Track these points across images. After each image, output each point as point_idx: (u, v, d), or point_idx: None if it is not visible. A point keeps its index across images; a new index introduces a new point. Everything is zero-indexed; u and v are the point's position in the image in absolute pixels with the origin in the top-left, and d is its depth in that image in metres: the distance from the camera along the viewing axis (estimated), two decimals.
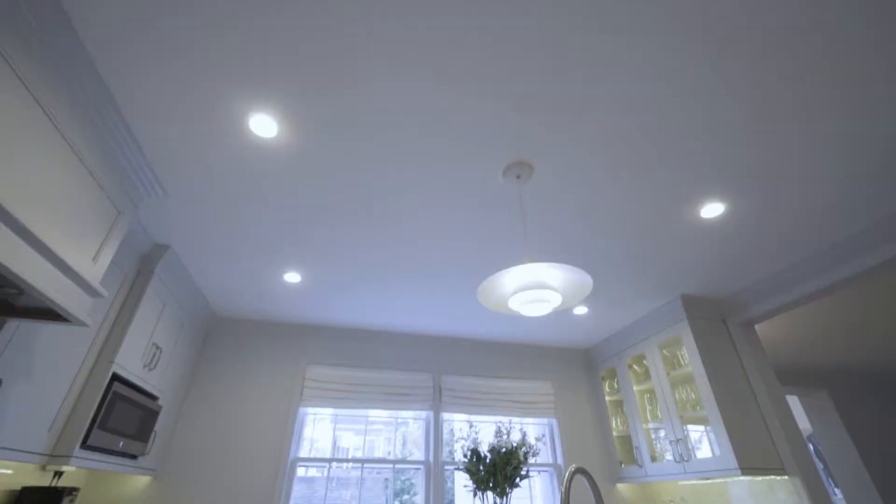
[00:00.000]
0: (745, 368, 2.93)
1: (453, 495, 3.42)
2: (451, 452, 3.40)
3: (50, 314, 1.53)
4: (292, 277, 2.81)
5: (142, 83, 1.53)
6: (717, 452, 2.67)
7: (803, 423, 5.13)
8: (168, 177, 1.95)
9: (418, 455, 3.41)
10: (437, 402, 3.51)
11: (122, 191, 1.77)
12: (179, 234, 2.38)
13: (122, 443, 2.20)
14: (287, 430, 3.11)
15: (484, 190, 2.04)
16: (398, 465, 3.34)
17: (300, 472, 3.10)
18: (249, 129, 1.70)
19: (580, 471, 1.14)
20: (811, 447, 5.66)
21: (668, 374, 3.13)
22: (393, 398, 3.43)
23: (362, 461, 3.27)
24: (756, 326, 3.59)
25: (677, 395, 3.12)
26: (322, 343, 3.51)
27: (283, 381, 3.29)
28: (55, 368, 1.81)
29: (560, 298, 1.52)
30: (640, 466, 3.25)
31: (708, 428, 2.91)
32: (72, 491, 2.14)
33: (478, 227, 2.31)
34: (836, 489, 4.55)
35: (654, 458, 3.20)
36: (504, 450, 1.92)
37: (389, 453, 3.45)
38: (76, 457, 1.89)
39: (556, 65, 1.46)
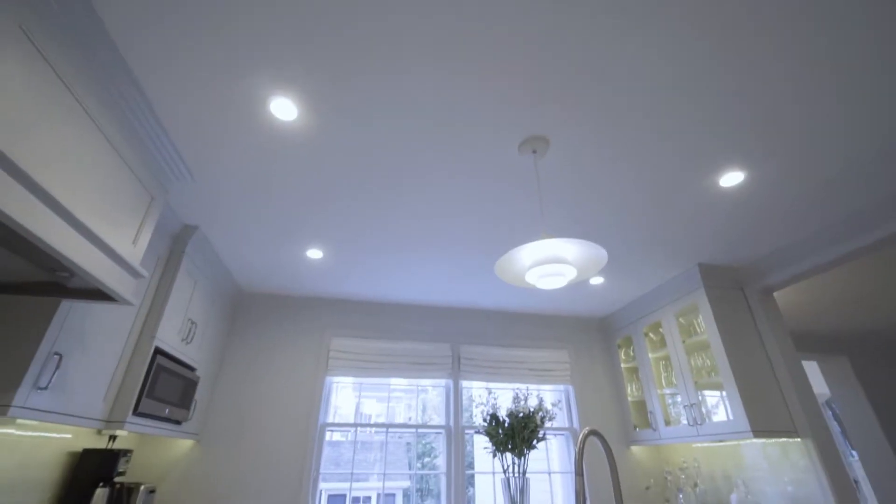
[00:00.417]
0: (762, 335, 2.96)
1: (473, 457, 3.61)
2: (471, 417, 3.56)
3: (98, 294, 1.66)
4: (314, 254, 2.91)
5: (166, 70, 1.58)
6: (731, 416, 2.74)
7: (822, 388, 5.15)
8: (194, 160, 2.03)
9: (438, 420, 3.58)
10: (457, 370, 3.65)
11: (153, 177, 1.86)
12: (206, 215, 2.48)
13: (167, 410, 2.39)
14: (315, 397, 3.30)
15: (500, 165, 2.06)
16: (421, 430, 3.53)
17: (326, 436, 3.31)
18: (270, 112, 1.75)
19: (593, 433, 1.22)
20: (829, 411, 5.70)
21: (684, 341, 3.18)
22: (414, 367, 3.58)
23: (386, 426, 3.46)
24: (775, 294, 3.58)
25: (692, 362, 3.17)
26: (345, 316, 3.65)
27: (310, 352, 3.46)
28: (105, 344, 1.96)
29: (575, 272, 1.57)
30: (655, 430, 3.36)
31: (722, 393, 2.98)
32: (126, 452, 2.36)
33: (494, 202, 2.34)
34: (852, 452, 4.61)
35: (668, 422, 3.30)
36: (521, 415, 2.02)
37: (410, 419, 3.64)
38: (129, 422, 2.07)
39: (570, 38, 1.45)
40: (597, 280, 3.36)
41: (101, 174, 1.51)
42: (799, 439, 2.63)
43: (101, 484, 2.20)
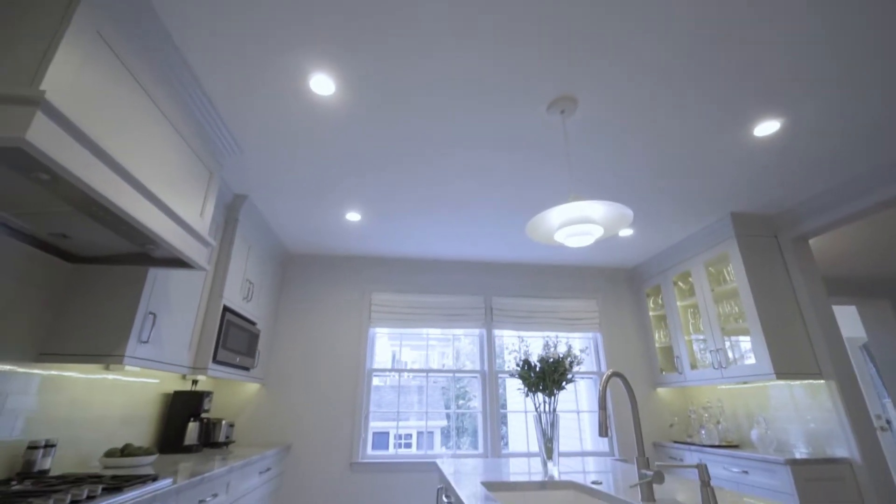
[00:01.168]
0: (793, 281, 2.98)
1: (505, 399, 3.92)
2: (503, 363, 3.83)
3: (178, 262, 1.91)
4: (353, 217, 3.10)
5: (217, 54, 1.71)
6: (755, 359, 2.85)
7: (858, 333, 5.11)
8: (242, 136, 2.20)
9: (472, 366, 3.88)
10: (489, 320, 3.89)
11: (210, 155, 2.05)
12: (254, 185, 2.69)
13: (238, 358, 2.74)
14: (361, 346, 3.64)
15: (529, 128, 2.12)
16: (457, 374, 3.84)
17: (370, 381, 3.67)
18: (310, 88, 1.87)
19: (616, 374, 1.38)
20: (865, 355, 5.67)
21: (713, 289, 3.25)
22: (449, 318, 3.83)
23: (427, 371, 3.78)
24: (812, 240, 3.53)
25: (720, 309, 3.26)
26: (383, 272, 3.90)
27: (353, 306, 3.76)
28: (185, 304, 2.26)
29: (601, 230, 1.68)
30: (680, 373, 3.53)
31: (748, 337, 3.07)
32: (208, 394, 2.75)
33: (524, 163, 2.41)
34: (886, 397, 4.65)
35: (693, 366, 3.46)
36: (552, 360, 2.22)
37: (443, 365, 3.94)
38: (210, 368, 2.42)
39: None
40: (626, 232, 3.42)
41: (171, 158, 1.70)
42: (823, 381, 2.73)
43: (192, 418, 2.61)
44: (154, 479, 1.56)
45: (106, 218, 1.47)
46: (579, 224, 1.63)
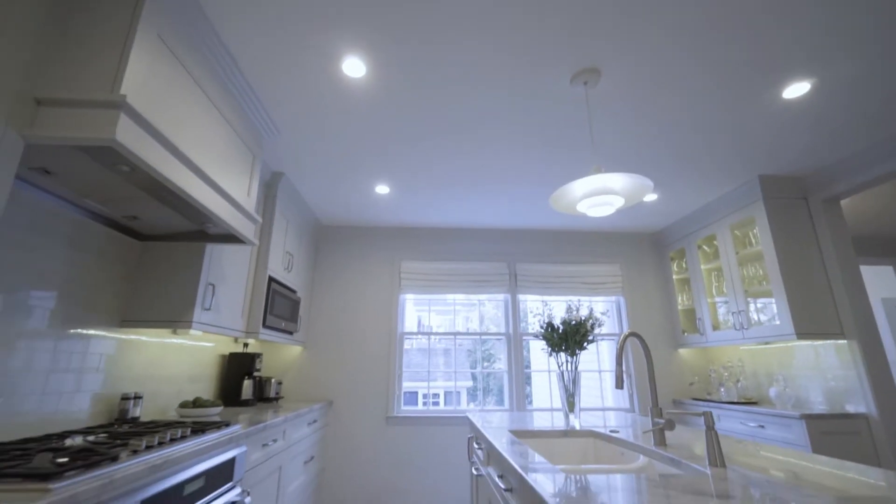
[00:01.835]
0: (820, 243, 2.98)
1: (529, 360, 4.12)
2: (527, 326, 4.01)
3: (231, 238, 2.11)
4: (382, 189, 3.24)
5: (252, 38, 1.83)
6: (776, 320, 2.92)
7: (891, 293, 5.02)
8: (279, 117, 2.33)
9: (495, 329, 4.07)
10: (514, 286, 4.04)
11: (253, 138, 2.20)
12: (289, 162, 2.85)
13: (283, 323, 3.00)
14: (392, 311, 3.87)
15: (552, 99, 2.16)
16: (483, 337, 4.05)
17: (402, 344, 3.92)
18: (342, 70, 1.97)
19: (633, 334, 1.51)
20: None
21: (737, 253, 3.27)
22: (474, 284, 4.00)
23: (454, 334, 4.01)
24: (844, 200, 3.47)
25: (744, 272, 3.29)
26: (412, 241, 4.07)
27: (384, 274, 3.97)
28: (236, 275, 2.49)
29: (622, 201, 1.76)
30: (702, 334, 3.62)
31: (771, 300, 3.12)
32: (259, 355, 3.04)
33: (548, 133, 2.47)
34: None
35: (715, 327, 3.54)
36: (574, 322, 2.36)
37: (468, 329, 4.15)
38: (261, 332, 2.68)
39: None
40: (651, 197, 3.44)
41: (221, 144, 1.86)
42: (845, 341, 2.78)
43: (246, 377, 2.92)
44: (227, 424, 1.82)
45: (172, 201, 1.66)
46: (601, 195, 1.72)
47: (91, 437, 1.42)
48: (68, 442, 1.31)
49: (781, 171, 2.98)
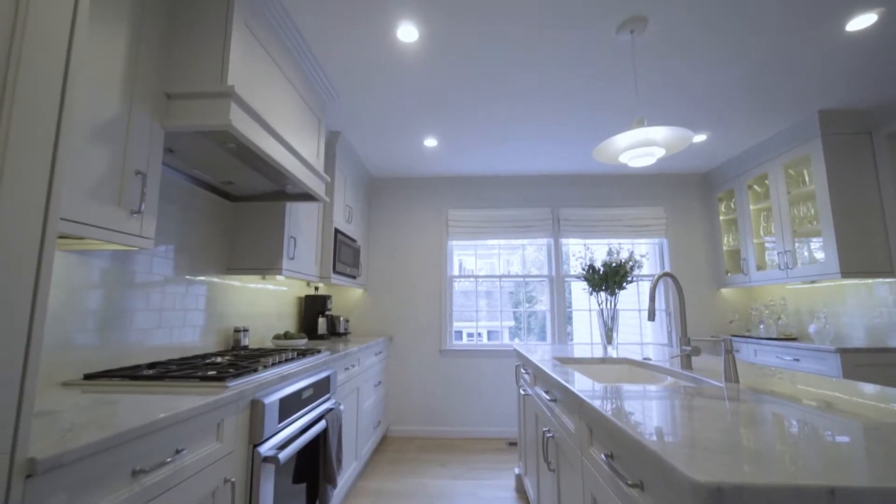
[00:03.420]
0: (880, 179, 2.90)
1: (570, 303, 4.36)
2: (568, 269, 4.21)
3: (305, 196, 2.42)
4: (430, 142, 3.42)
5: (314, 7, 1.99)
6: (822, 259, 2.95)
7: None
8: (338, 82, 2.53)
9: (536, 272, 4.31)
10: (557, 230, 4.20)
11: (317, 103, 2.43)
12: (346, 122, 3.07)
13: (348, 269, 3.39)
14: (442, 257, 4.18)
15: (598, 49, 2.20)
16: (527, 279, 4.31)
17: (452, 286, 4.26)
18: (396, 36, 2.11)
19: (667, 275, 1.70)
20: None
21: (789, 192, 3.24)
22: (519, 230, 4.20)
23: (500, 276, 4.29)
24: None
25: (794, 212, 3.27)
26: (458, 190, 4.27)
27: (433, 222, 4.24)
28: (309, 229, 2.84)
29: (663, 152, 1.86)
30: (746, 274, 3.68)
31: (818, 239, 3.12)
32: (329, 297, 3.48)
33: (594, 83, 2.51)
34: None
35: (760, 268, 3.59)
36: (614, 264, 2.55)
37: (508, 272, 4.40)
38: (332, 277, 3.07)
39: None
40: (699, 138, 3.40)
41: (295, 113, 2.11)
42: (894, 279, 2.79)
43: (320, 315, 3.38)
44: (318, 351, 2.24)
45: (261, 167, 1.96)
46: (642, 147, 1.83)
47: (224, 359, 1.85)
48: (218, 360, 1.74)
49: (844, 104, 2.85)
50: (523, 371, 2.53)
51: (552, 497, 1.69)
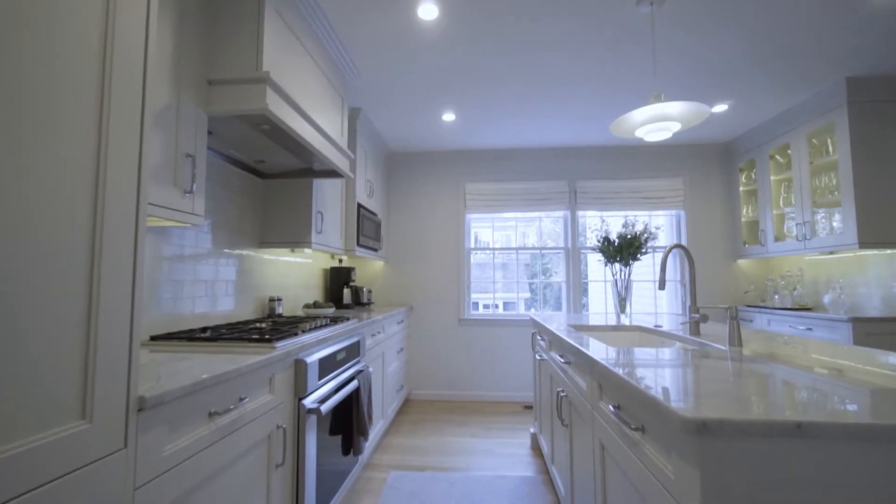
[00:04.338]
0: None
1: (586, 274, 4.44)
2: (585, 241, 4.28)
3: (331, 173, 2.54)
4: (448, 117, 3.47)
5: None
6: (841, 230, 2.95)
7: None
8: (360, 60, 2.59)
9: (552, 244, 4.39)
10: (573, 202, 4.24)
11: (340, 82, 2.50)
12: (366, 98, 3.13)
13: (371, 242, 3.53)
14: (460, 229, 4.29)
15: (617, 21, 2.21)
16: (543, 251, 4.40)
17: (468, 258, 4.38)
18: (417, 13, 2.15)
19: (678, 246, 1.78)
20: None
21: (811, 162, 3.21)
22: (536, 202, 4.26)
23: (517, 249, 4.39)
24: None
25: (815, 182, 3.25)
26: (475, 164, 4.33)
27: (451, 195, 4.33)
28: (333, 204, 2.98)
29: (679, 126, 1.90)
30: (763, 245, 3.70)
31: (838, 209, 3.11)
32: (352, 269, 3.65)
33: (613, 56, 2.51)
34: None
35: (777, 238, 3.59)
36: (629, 236, 2.62)
37: (524, 244, 4.49)
38: (356, 250, 3.23)
39: None
40: (721, 108, 3.36)
41: (321, 93, 2.20)
42: None
43: (345, 285, 3.56)
44: (348, 319, 2.41)
45: (292, 147, 2.07)
46: (659, 122, 1.87)
47: (265, 325, 2.03)
48: (261, 325, 1.92)
49: (873, 71, 2.78)
50: (539, 338, 2.67)
51: (565, 449, 1.86)
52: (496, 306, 5.08)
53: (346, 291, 3.56)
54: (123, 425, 0.81)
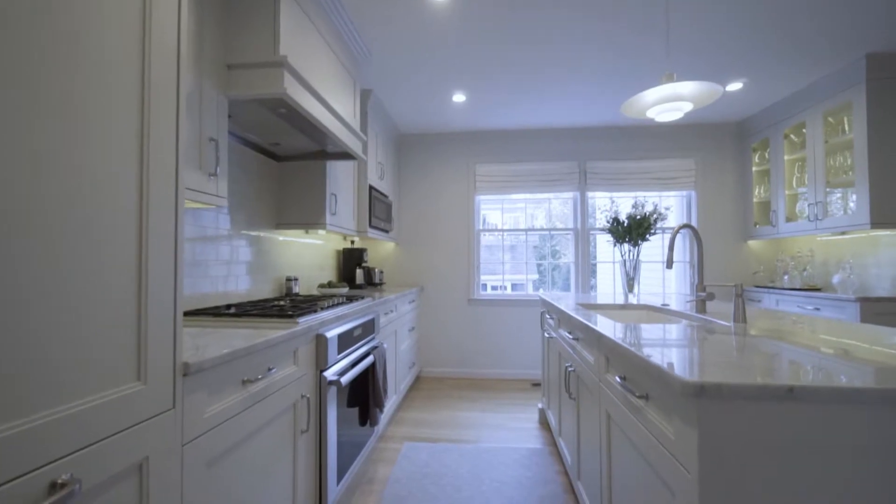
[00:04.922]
0: None
1: (595, 256, 4.47)
2: (594, 222, 4.29)
3: (344, 155, 2.58)
4: (458, 97, 3.47)
5: None
6: (852, 210, 2.94)
7: None
8: (371, 42, 2.60)
9: (561, 226, 4.41)
10: (583, 184, 4.25)
11: (352, 64, 2.52)
12: (377, 80, 3.15)
13: (382, 223, 3.60)
14: (469, 211, 4.33)
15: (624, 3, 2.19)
16: (552, 233, 4.43)
17: (477, 239, 4.43)
18: None
19: (686, 226, 1.81)
20: None
21: (827, 142, 3.17)
22: (545, 184, 4.27)
23: (526, 230, 4.42)
24: None
25: (830, 162, 3.22)
26: (485, 145, 4.33)
27: (461, 177, 4.35)
28: (346, 186, 3.03)
29: (691, 106, 1.91)
30: (774, 226, 3.69)
31: (851, 189, 3.09)
32: (364, 250, 3.73)
33: (623, 32, 2.49)
34: None
35: (789, 219, 3.58)
36: (638, 217, 2.65)
37: (532, 225, 4.51)
38: (369, 231, 3.29)
39: None
40: (735, 86, 3.31)
41: (334, 76, 2.23)
42: None
43: (357, 266, 3.64)
44: (362, 298, 2.49)
45: (307, 129, 2.12)
46: (670, 102, 1.88)
47: (285, 302, 2.11)
48: (281, 303, 2.00)
49: (893, 46, 2.72)
50: (548, 317, 2.73)
51: (572, 421, 1.94)
52: (504, 287, 5.15)
53: (359, 272, 3.64)
54: (171, 388, 0.89)
